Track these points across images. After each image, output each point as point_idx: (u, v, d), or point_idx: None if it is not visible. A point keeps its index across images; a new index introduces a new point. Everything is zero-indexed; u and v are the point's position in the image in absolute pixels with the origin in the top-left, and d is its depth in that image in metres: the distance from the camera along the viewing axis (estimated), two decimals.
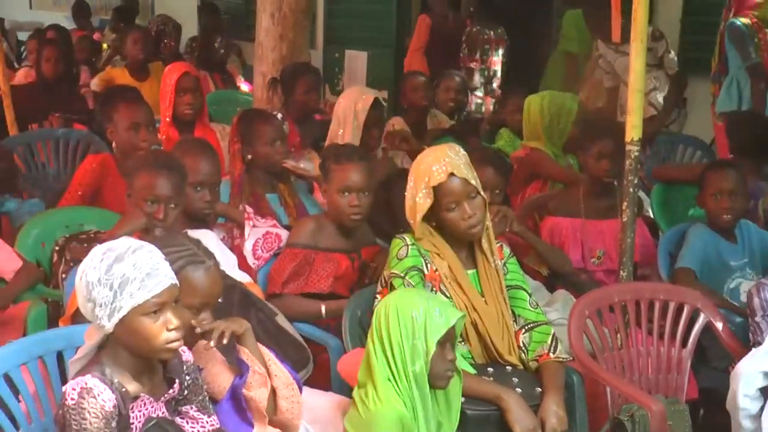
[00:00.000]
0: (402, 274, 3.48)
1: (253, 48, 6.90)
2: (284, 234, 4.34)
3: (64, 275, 4.19)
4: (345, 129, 5.28)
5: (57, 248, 4.28)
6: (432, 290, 3.50)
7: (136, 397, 2.63)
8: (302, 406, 3.03)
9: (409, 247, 3.54)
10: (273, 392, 2.96)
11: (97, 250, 2.60)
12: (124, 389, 2.60)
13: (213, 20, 10.32)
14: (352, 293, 3.99)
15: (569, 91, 6.13)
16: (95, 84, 7.43)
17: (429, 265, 3.54)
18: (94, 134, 6.40)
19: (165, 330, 2.59)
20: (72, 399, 2.54)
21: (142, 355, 2.65)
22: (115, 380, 2.59)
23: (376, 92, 5.53)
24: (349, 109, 5.31)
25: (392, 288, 3.49)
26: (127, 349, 2.62)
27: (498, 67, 8.38)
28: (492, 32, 8.36)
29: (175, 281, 2.63)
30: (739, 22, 6.44)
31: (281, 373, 2.97)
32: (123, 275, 2.54)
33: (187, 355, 2.81)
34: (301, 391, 3.05)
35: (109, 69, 7.98)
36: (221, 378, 2.96)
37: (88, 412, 2.52)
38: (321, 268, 4.09)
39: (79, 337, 2.78)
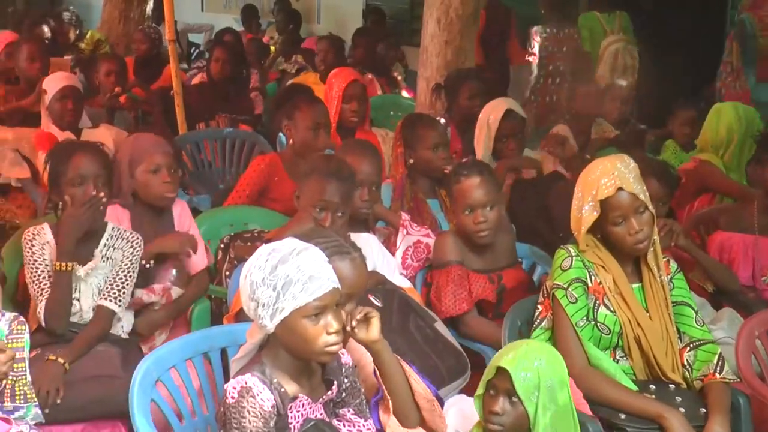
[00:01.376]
0: (565, 286, 3.42)
1: (416, 53, 6.92)
2: None
3: (228, 273, 4.27)
4: (478, 141, 5.27)
5: (222, 246, 4.37)
6: (595, 304, 3.43)
7: (294, 398, 2.65)
8: (445, 420, 2.99)
9: (573, 258, 3.48)
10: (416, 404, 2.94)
11: (263, 251, 2.63)
12: (282, 389, 2.62)
13: (378, 25, 10.40)
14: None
15: None
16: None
17: (593, 278, 3.46)
18: (259, 135, 6.54)
19: (325, 333, 2.60)
20: (232, 398, 2.58)
21: (301, 357, 2.67)
22: (275, 380, 2.62)
23: (513, 103, 5.47)
24: (483, 120, 5.29)
25: (554, 299, 3.44)
26: (287, 350, 2.65)
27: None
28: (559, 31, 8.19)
29: (338, 285, 2.64)
30: None
31: (421, 388, 2.94)
32: (287, 277, 2.56)
33: (346, 357, 2.82)
34: (442, 405, 3.02)
35: (304, 75, 8.11)
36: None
37: (248, 411, 2.55)
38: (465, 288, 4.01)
39: (242, 335, 2.81)
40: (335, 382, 2.76)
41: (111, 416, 3.06)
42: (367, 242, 3.82)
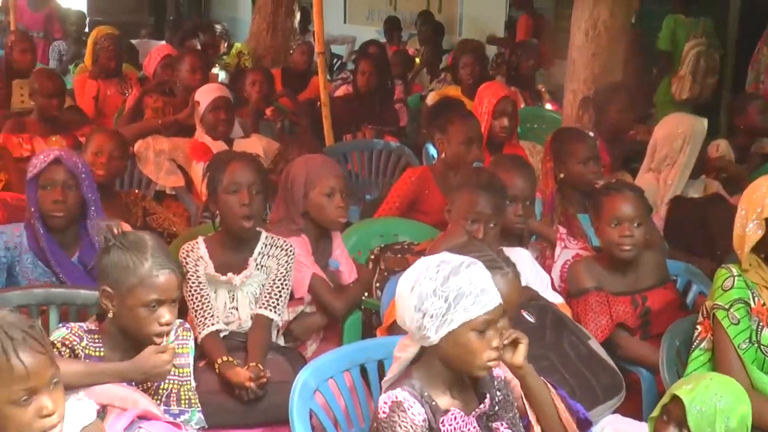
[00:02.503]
0: (726, 306, 3.33)
1: (560, 65, 6.86)
2: None
3: (378, 284, 4.30)
4: (675, 151, 5.13)
5: (372, 257, 4.41)
6: (759, 326, 3.33)
7: (446, 411, 2.64)
8: None
9: (735, 278, 3.38)
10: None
11: (430, 262, 2.64)
12: (434, 403, 2.62)
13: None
14: None
15: None
16: (431, 99, 7.59)
17: (756, 299, 3.36)
18: (405, 147, 6.58)
19: (488, 348, 2.61)
20: (384, 413, 2.59)
21: (459, 370, 2.67)
22: (426, 394, 2.62)
23: (696, 118, 5.34)
24: (673, 132, 5.16)
25: (714, 320, 3.35)
26: (446, 362, 2.65)
27: None
28: None
29: (501, 301, 2.63)
30: None
31: (563, 410, 2.91)
32: (459, 289, 2.56)
33: (497, 370, 2.81)
34: (590, 426, 2.99)
35: (447, 87, 8.15)
36: None
37: (399, 425, 2.57)
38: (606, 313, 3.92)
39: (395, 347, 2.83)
40: (488, 395, 2.75)
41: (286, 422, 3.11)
42: (521, 257, 3.79)
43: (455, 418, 2.66)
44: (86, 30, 10.78)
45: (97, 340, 3.00)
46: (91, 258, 3.71)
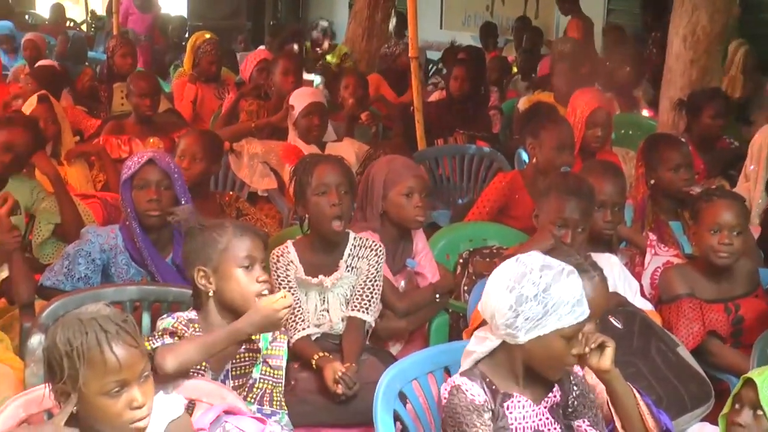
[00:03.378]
0: None
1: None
2: None
3: (466, 288, 4.31)
4: (759, 165, 5.06)
5: (461, 261, 4.41)
6: None
7: (510, 395, 2.70)
8: None
9: None
10: None
11: (534, 264, 2.66)
12: (494, 386, 2.69)
13: (617, 44, 10.22)
14: None
15: None
16: (522, 104, 7.57)
17: None
18: (497, 152, 6.57)
19: (570, 354, 2.68)
20: (444, 398, 2.68)
21: (538, 369, 2.72)
22: (487, 379, 2.70)
23: None
24: (764, 143, 5.07)
25: None
26: (524, 360, 2.70)
27: None
28: None
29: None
30: None
31: (649, 419, 2.89)
32: (559, 297, 2.61)
33: (577, 367, 2.84)
34: None
35: (538, 93, 8.11)
36: None
37: (459, 406, 2.64)
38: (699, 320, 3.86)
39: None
40: (556, 386, 2.78)
41: None
42: (609, 263, 3.76)
43: (522, 405, 2.72)
44: (186, 35, 11.00)
45: (198, 329, 3.06)
46: None
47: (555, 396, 2.77)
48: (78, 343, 2.35)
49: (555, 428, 2.76)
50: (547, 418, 2.75)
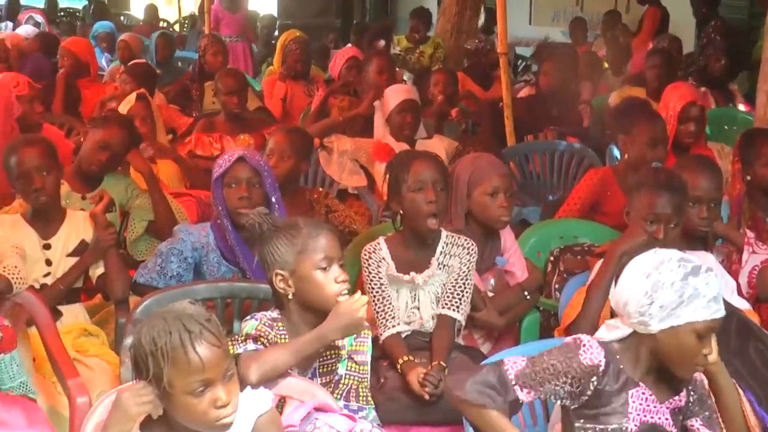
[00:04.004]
0: None
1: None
2: None
3: (557, 285, 4.27)
4: None
5: (552, 259, 4.37)
6: None
7: (636, 384, 2.70)
8: None
9: None
10: None
11: (673, 255, 2.68)
12: (621, 367, 2.69)
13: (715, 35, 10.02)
14: None
15: None
16: (613, 99, 7.48)
17: None
18: (588, 148, 6.49)
19: (701, 354, 2.66)
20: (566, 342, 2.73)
21: (666, 364, 2.70)
22: (617, 357, 2.71)
23: None
24: None
25: None
26: (655, 353, 2.69)
27: None
28: None
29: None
30: None
31: (751, 416, 2.86)
32: (696, 289, 2.61)
33: None
34: None
35: (628, 87, 8.01)
36: None
37: (574, 358, 2.68)
38: None
39: None
40: (684, 391, 2.77)
41: None
42: (705, 261, 3.68)
43: (645, 398, 2.71)
44: (276, 33, 11.08)
45: (281, 328, 3.06)
46: None
47: (680, 400, 2.75)
48: (162, 343, 2.37)
49: (672, 431, 2.75)
50: (667, 419, 2.73)
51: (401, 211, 3.85)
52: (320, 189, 5.20)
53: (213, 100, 7.35)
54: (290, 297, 3.03)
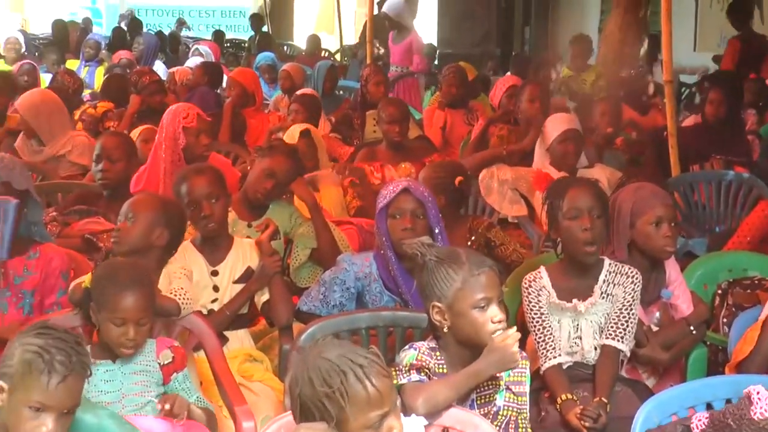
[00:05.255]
0: None
1: None
2: None
3: (725, 320, 4.15)
4: None
5: (719, 292, 4.26)
6: None
7: None
8: None
9: None
10: None
11: None
12: None
13: None
14: None
15: None
16: None
17: None
18: (757, 178, 6.30)
19: None
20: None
21: None
22: None
23: None
24: None
25: None
26: None
27: None
28: None
29: None
30: None
31: None
32: None
33: None
34: None
35: None
36: None
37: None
38: None
39: (745, 386, 2.71)
40: None
41: None
42: None
43: None
44: (435, 62, 11.15)
45: (439, 357, 3.06)
46: None
47: None
48: (338, 383, 2.35)
49: None
50: None
51: (559, 239, 3.80)
52: (485, 219, 5.17)
53: (374, 129, 7.45)
54: (446, 330, 3.03)
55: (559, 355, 3.70)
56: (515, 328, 3.01)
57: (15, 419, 2.56)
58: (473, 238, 4.77)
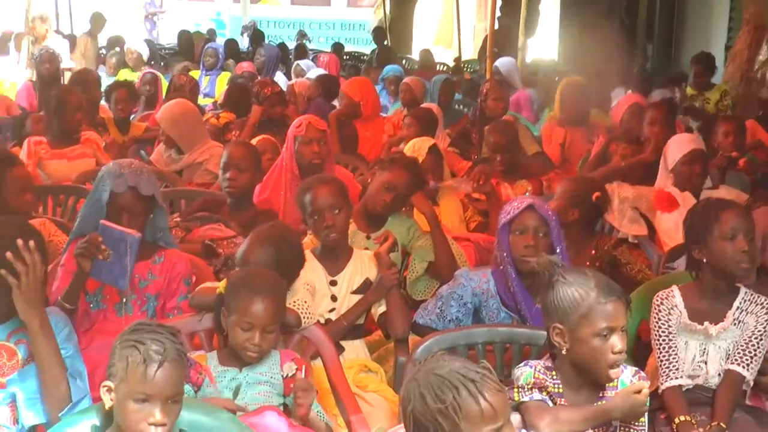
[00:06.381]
0: None
1: None
2: None
3: None
4: None
5: None
6: None
7: None
8: None
9: None
10: None
11: None
12: None
13: None
14: None
15: None
16: None
17: None
18: None
19: None
20: None
21: None
22: None
23: None
24: None
25: None
26: None
27: None
28: None
29: None
30: None
31: None
32: None
33: None
34: None
35: None
36: None
37: None
38: None
39: None
40: None
41: None
42: None
43: None
44: (556, 79, 11.07)
45: (555, 377, 3.05)
46: None
47: None
48: (450, 399, 2.34)
49: None
50: None
51: (704, 260, 3.72)
52: (612, 237, 5.09)
53: None
54: (564, 352, 3.01)
55: (681, 376, 3.64)
56: (649, 383, 3.01)
57: (124, 414, 2.65)
58: (599, 255, 4.71)
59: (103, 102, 8.54)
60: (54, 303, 3.68)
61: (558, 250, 3.98)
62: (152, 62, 13.45)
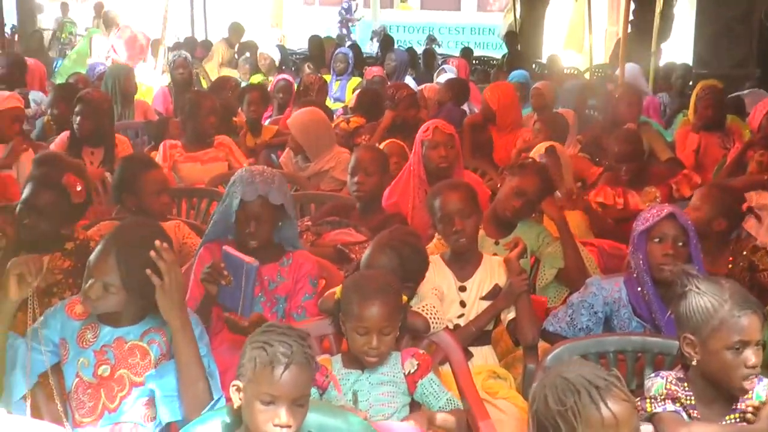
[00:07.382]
0: None
1: None
2: None
3: None
4: None
5: None
6: None
7: None
8: None
9: None
10: None
11: None
12: None
13: None
14: None
15: None
16: None
17: None
18: None
19: None
20: None
21: None
22: None
23: None
24: None
25: None
26: None
27: None
28: None
29: None
30: None
31: None
32: None
33: None
34: None
35: None
36: None
37: None
38: None
39: None
40: None
41: None
42: None
43: None
44: (690, 83, 10.85)
45: (687, 389, 3.00)
46: None
47: None
48: (571, 402, 2.33)
49: None
50: None
51: None
52: (750, 241, 4.96)
53: None
54: (694, 362, 2.96)
55: None
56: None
57: (251, 414, 2.69)
58: (736, 260, 4.60)
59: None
60: None
61: (698, 258, 3.89)
62: (283, 67, 13.64)
